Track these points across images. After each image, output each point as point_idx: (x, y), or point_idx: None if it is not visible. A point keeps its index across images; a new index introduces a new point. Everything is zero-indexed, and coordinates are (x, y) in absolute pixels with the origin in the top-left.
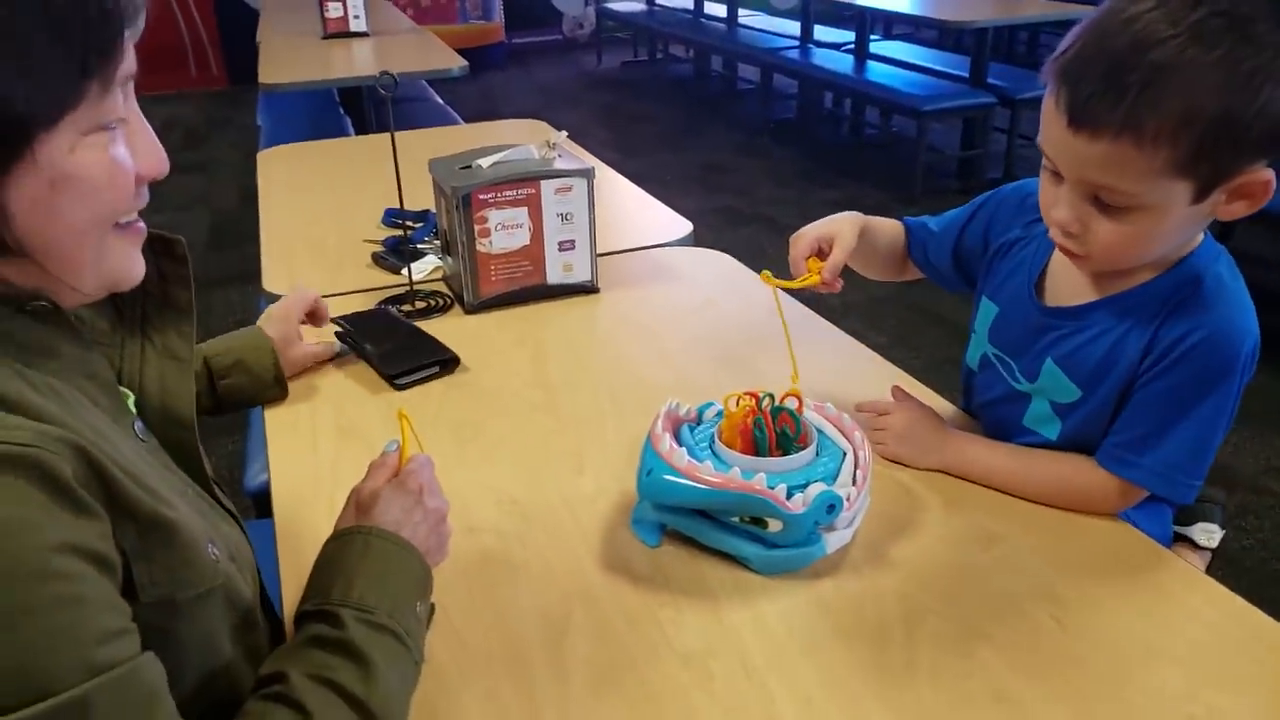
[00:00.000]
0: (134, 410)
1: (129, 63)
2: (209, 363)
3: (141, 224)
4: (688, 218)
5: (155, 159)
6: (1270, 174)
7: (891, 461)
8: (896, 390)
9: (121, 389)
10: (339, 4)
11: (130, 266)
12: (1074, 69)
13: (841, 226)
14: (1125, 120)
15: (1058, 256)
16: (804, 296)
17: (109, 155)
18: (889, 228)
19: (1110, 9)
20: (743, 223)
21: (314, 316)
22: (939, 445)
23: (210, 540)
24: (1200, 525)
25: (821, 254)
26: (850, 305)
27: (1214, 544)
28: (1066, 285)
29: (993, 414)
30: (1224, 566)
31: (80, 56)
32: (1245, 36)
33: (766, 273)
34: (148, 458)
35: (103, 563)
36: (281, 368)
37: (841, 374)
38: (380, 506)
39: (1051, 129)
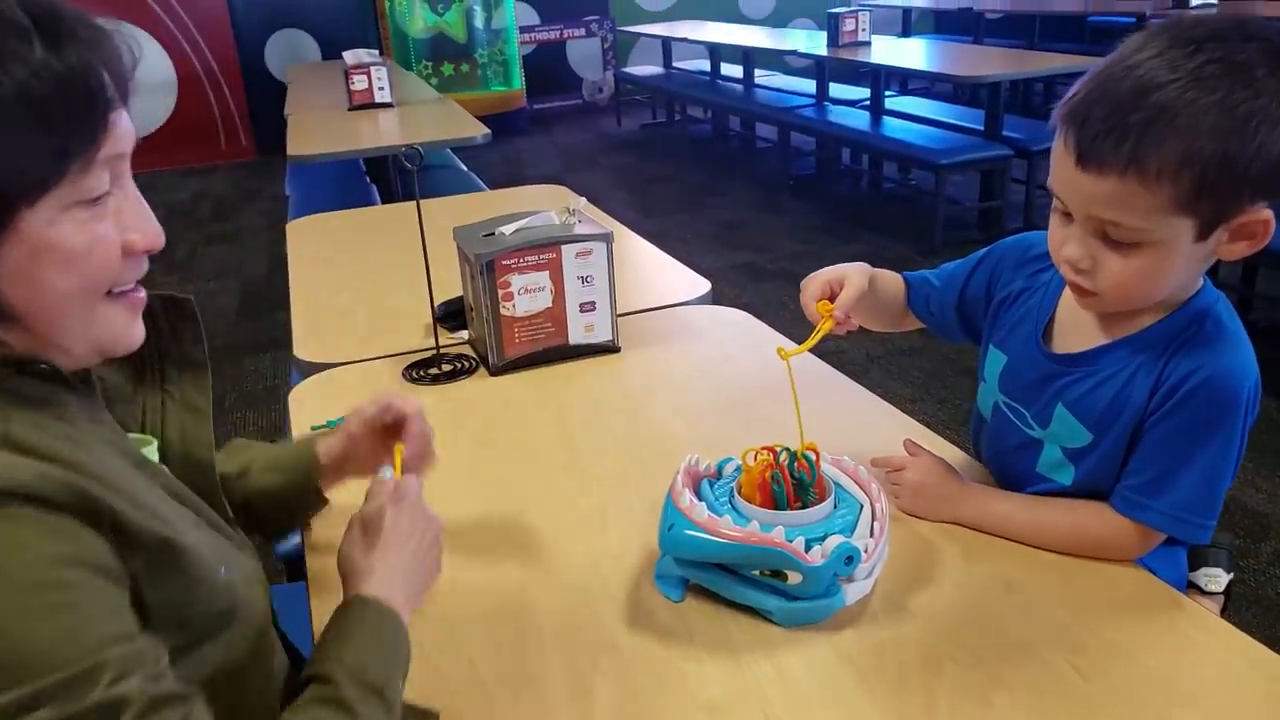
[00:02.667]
0: (154, 454)
1: (117, 142)
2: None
3: (141, 293)
4: (709, 275)
5: (147, 231)
6: (1269, 214)
7: (908, 515)
8: (909, 444)
9: (143, 435)
10: (364, 76)
11: (125, 332)
12: (1080, 111)
13: (850, 271)
14: (1130, 158)
15: (1064, 304)
16: (825, 350)
17: (90, 229)
18: (891, 280)
19: (1113, 59)
20: (765, 278)
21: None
22: (954, 498)
23: (224, 564)
24: (1204, 570)
25: (832, 298)
26: (874, 358)
27: (1220, 589)
28: (1073, 332)
29: (1006, 462)
30: (1261, 614)
31: (61, 139)
32: (1243, 81)
33: (781, 348)
34: (159, 491)
35: (107, 573)
36: (319, 471)
37: (858, 427)
38: (388, 522)
39: (1061, 169)
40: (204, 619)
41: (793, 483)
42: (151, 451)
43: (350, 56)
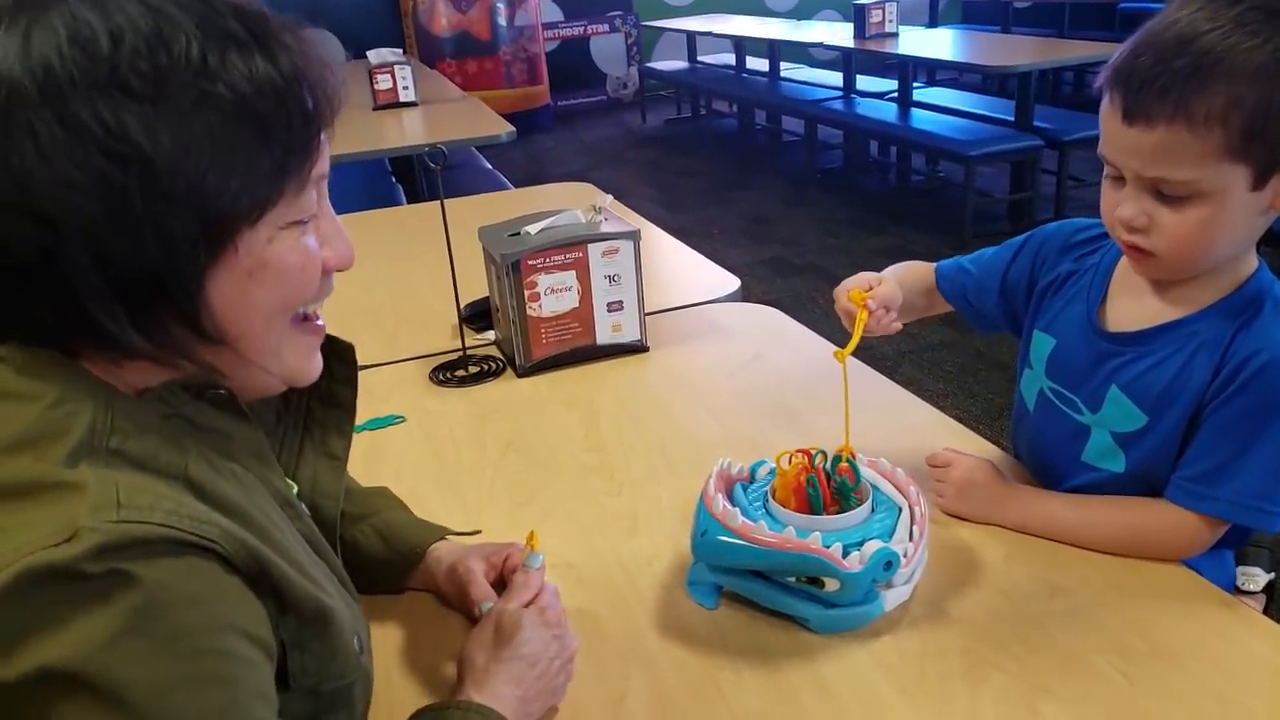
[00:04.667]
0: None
1: (324, 162)
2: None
3: (321, 322)
4: (736, 270)
5: (343, 251)
6: None
7: (952, 516)
8: (950, 450)
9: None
10: (388, 76)
11: (308, 362)
12: (1125, 68)
13: (879, 275)
14: (1176, 106)
15: (1118, 284)
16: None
17: (302, 246)
18: (920, 272)
19: (1155, 19)
20: (793, 273)
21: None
22: (1001, 499)
23: (356, 631)
24: (1242, 569)
25: None
26: (905, 353)
27: (1259, 588)
28: (1128, 312)
29: (1049, 453)
30: None
31: (280, 157)
32: None
33: (837, 350)
34: (305, 544)
35: (262, 646)
36: (416, 571)
37: (892, 424)
38: (522, 636)
39: (1109, 129)
40: (333, 692)
41: (830, 486)
42: (293, 493)
43: (374, 56)
